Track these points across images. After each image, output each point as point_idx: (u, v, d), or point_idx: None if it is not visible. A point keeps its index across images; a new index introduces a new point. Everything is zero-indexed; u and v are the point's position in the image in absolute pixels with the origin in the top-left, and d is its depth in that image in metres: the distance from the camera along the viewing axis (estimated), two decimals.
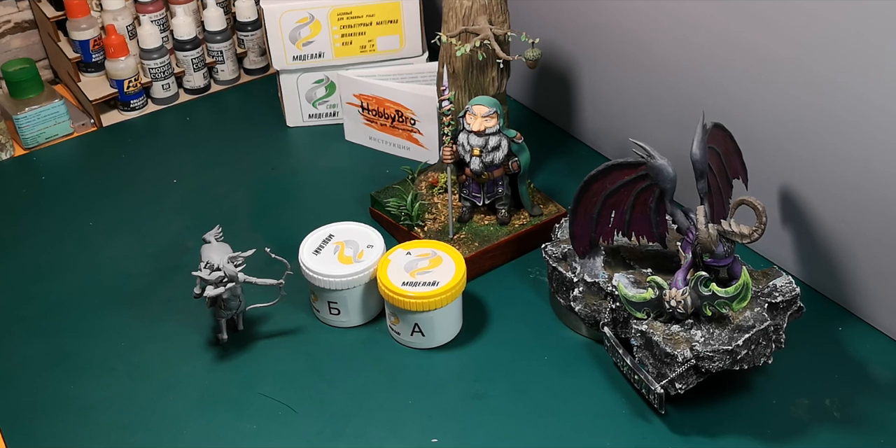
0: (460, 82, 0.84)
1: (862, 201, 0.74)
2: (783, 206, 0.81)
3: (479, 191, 0.83)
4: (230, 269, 0.73)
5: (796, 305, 0.72)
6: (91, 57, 1.04)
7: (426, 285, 0.74)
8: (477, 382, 0.75)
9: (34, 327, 0.80)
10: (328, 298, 0.77)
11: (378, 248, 0.78)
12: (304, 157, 1.01)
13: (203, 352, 0.77)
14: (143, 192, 0.89)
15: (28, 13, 1.09)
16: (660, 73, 0.86)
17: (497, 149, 0.79)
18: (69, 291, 0.83)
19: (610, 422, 0.71)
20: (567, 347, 0.77)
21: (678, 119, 0.86)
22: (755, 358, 0.68)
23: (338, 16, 0.96)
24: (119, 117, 1.06)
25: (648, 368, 0.70)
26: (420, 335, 0.76)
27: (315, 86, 1.01)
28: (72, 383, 0.75)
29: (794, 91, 0.75)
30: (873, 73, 0.69)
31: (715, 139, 0.72)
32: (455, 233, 0.84)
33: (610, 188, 0.71)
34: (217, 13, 1.06)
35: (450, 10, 0.81)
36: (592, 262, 0.75)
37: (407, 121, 0.95)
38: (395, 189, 0.88)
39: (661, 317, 0.70)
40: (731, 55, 0.79)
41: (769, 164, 0.80)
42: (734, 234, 0.67)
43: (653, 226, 0.73)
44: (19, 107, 0.99)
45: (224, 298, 0.74)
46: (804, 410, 0.72)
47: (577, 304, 0.74)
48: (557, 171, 0.97)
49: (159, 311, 0.81)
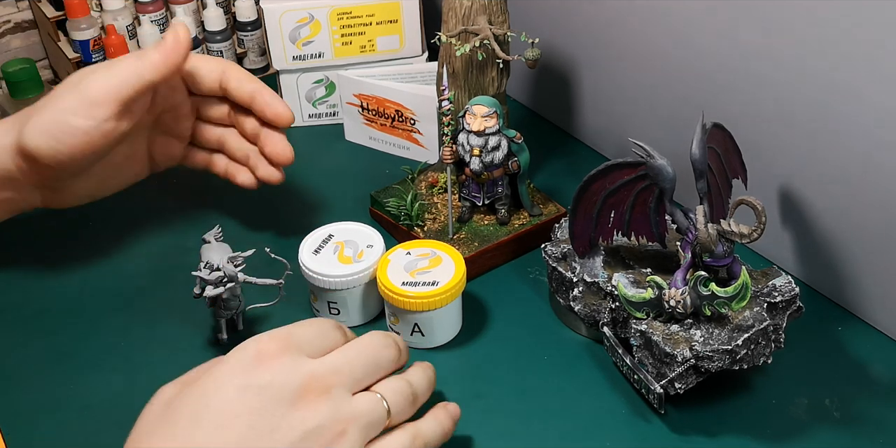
0: (460, 82, 0.84)
1: (862, 201, 0.74)
2: (783, 205, 0.81)
3: (478, 191, 0.83)
4: (230, 269, 0.73)
5: (796, 305, 0.72)
6: (91, 57, 1.04)
7: (426, 285, 0.74)
8: (477, 382, 0.75)
9: (34, 327, 0.80)
10: (328, 298, 0.77)
11: (378, 248, 0.78)
12: (303, 157, 1.00)
13: (203, 352, 0.77)
14: (142, 192, 0.89)
15: (28, 13, 1.09)
16: (660, 73, 0.87)
17: (497, 149, 0.79)
18: (69, 291, 0.83)
19: (609, 421, 0.71)
20: (567, 347, 0.78)
21: (678, 119, 0.86)
22: (755, 358, 0.68)
23: (337, 16, 0.96)
24: None
25: (648, 368, 0.70)
26: (420, 335, 0.76)
27: (315, 86, 1.01)
28: (72, 383, 0.75)
29: (794, 91, 0.75)
30: (874, 72, 0.69)
31: (714, 139, 0.72)
32: (455, 233, 0.84)
33: (610, 188, 0.71)
34: (217, 13, 1.06)
35: (449, 9, 0.81)
36: (592, 262, 0.75)
37: (407, 121, 0.95)
38: (395, 189, 0.88)
39: (661, 317, 0.70)
40: (731, 55, 0.79)
41: (769, 164, 0.80)
42: (733, 234, 0.67)
43: (652, 226, 0.73)
44: (19, 107, 0.99)
45: (224, 298, 0.74)
46: (804, 410, 0.72)
47: (576, 304, 0.74)
48: (557, 171, 0.97)
49: (159, 311, 0.81)
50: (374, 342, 0.61)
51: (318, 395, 0.57)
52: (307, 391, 0.56)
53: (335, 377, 0.58)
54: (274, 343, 0.58)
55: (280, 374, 0.56)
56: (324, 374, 0.58)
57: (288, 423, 0.55)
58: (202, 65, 0.78)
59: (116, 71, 0.73)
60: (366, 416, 0.58)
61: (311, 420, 0.56)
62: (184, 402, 0.56)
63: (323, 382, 0.57)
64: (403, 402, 0.60)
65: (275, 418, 0.55)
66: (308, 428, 0.56)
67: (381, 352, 0.61)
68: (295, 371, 0.57)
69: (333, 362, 0.59)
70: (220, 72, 0.78)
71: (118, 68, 0.73)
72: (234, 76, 0.78)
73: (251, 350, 0.58)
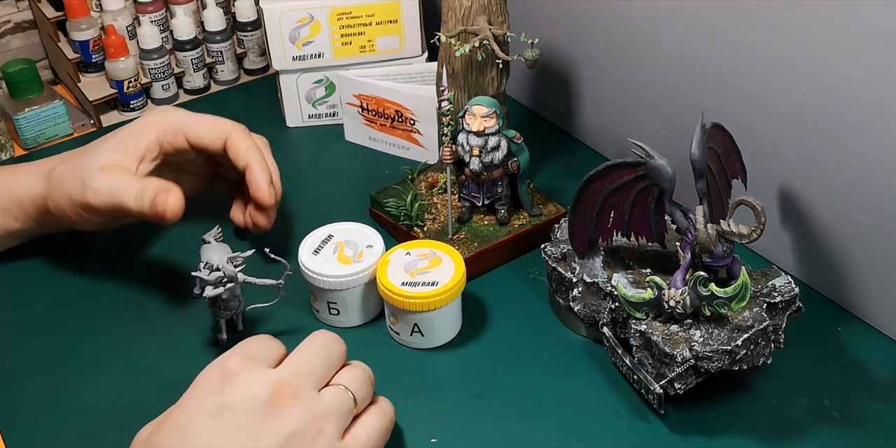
0: (460, 82, 0.84)
1: (862, 201, 0.74)
2: (782, 206, 0.81)
3: (478, 191, 0.83)
4: (229, 269, 0.73)
5: (795, 305, 0.72)
6: (91, 57, 1.04)
7: (426, 285, 0.74)
8: (476, 382, 0.75)
9: (34, 327, 0.80)
10: (328, 299, 0.77)
11: (377, 248, 0.78)
12: (303, 158, 1.01)
13: (203, 352, 0.77)
14: None
15: (28, 13, 1.09)
16: (659, 73, 0.87)
17: (496, 149, 0.79)
18: (69, 291, 0.83)
19: (609, 422, 0.71)
20: (566, 347, 0.78)
21: (677, 119, 0.86)
22: (754, 358, 0.68)
23: (337, 16, 0.96)
24: (119, 118, 1.06)
25: (647, 368, 0.70)
26: (420, 335, 0.76)
27: (315, 86, 1.01)
28: (72, 383, 0.75)
29: (794, 91, 0.75)
30: (874, 72, 0.69)
31: (714, 139, 0.72)
32: (454, 233, 0.84)
33: (609, 188, 0.71)
34: (217, 13, 1.06)
35: (449, 10, 0.81)
36: (592, 263, 0.75)
37: (406, 121, 0.95)
38: (395, 189, 0.88)
39: (660, 317, 0.70)
40: (731, 55, 0.79)
41: (769, 164, 0.80)
42: (733, 235, 0.67)
43: (652, 226, 0.73)
44: (19, 107, 0.99)
45: (223, 298, 0.74)
46: (803, 410, 0.72)
47: (576, 304, 0.74)
48: (557, 171, 0.97)
49: (159, 311, 0.81)
50: (322, 339, 0.64)
51: (290, 398, 0.59)
52: (278, 398, 0.58)
53: (299, 378, 0.60)
54: (235, 359, 0.60)
55: (247, 389, 0.58)
56: (288, 377, 0.60)
57: (267, 431, 0.57)
58: (205, 134, 0.80)
59: (119, 181, 0.75)
60: (337, 409, 0.60)
61: (290, 424, 0.58)
62: (161, 437, 0.58)
63: (290, 386, 0.59)
64: (365, 388, 0.63)
65: (253, 431, 0.57)
66: (288, 431, 0.57)
67: (331, 346, 0.64)
68: (260, 382, 0.59)
69: (292, 365, 0.61)
70: (223, 139, 0.80)
71: (121, 180, 0.75)
72: (232, 146, 0.79)
73: (214, 373, 0.60)
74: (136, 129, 0.79)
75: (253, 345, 0.63)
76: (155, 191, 0.74)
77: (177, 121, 0.79)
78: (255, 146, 0.80)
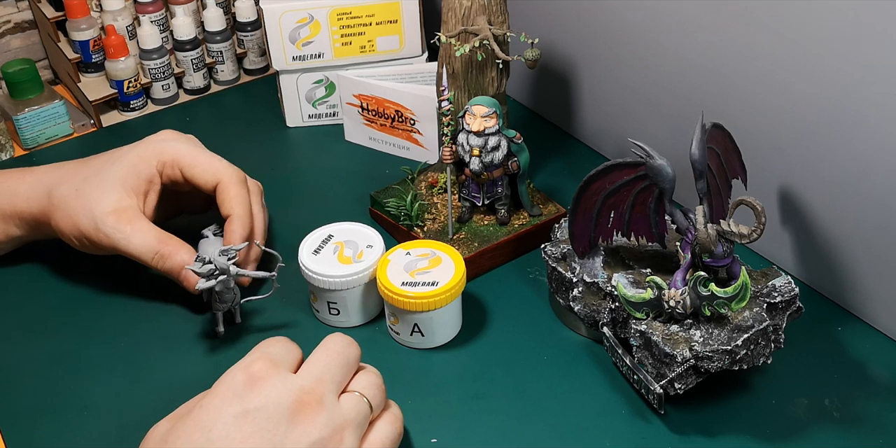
0: (460, 82, 0.84)
1: (862, 201, 0.74)
2: (782, 206, 0.81)
3: (478, 191, 0.83)
4: (221, 261, 0.73)
5: (795, 305, 0.72)
6: (91, 57, 1.04)
7: (426, 285, 0.74)
8: (476, 382, 0.75)
9: (34, 328, 0.80)
10: (328, 299, 0.77)
11: (377, 248, 0.78)
12: (303, 158, 1.01)
13: (204, 353, 0.77)
14: None
15: (28, 13, 1.09)
16: (659, 73, 0.87)
17: (496, 149, 0.79)
18: (69, 291, 0.83)
19: (609, 422, 0.71)
20: (566, 347, 0.78)
21: (677, 119, 0.86)
22: (754, 358, 0.68)
23: (337, 16, 0.96)
24: (119, 118, 1.06)
25: (648, 368, 0.70)
26: (420, 335, 0.76)
27: (315, 86, 1.01)
28: (72, 383, 0.75)
29: (793, 91, 0.75)
30: (874, 72, 0.69)
31: (714, 139, 0.72)
32: (454, 233, 0.84)
33: (609, 188, 0.71)
34: (217, 13, 1.06)
35: (449, 10, 0.81)
36: (592, 263, 0.75)
37: (407, 121, 0.95)
38: (395, 189, 0.88)
39: (661, 317, 0.70)
40: (731, 55, 0.79)
41: (769, 164, 0.80)
42: (733, 235, 0.67)
43: (652, 226, 0.73)
44: (19, 107, 0.99)
45: (217, 291, 0.74)
46: (803, 410, 0.72)
47: (576, 304, 0.74)
48: (557, 171, 0.97)
49: (159, 310, 0.81)
50: (340, 344, 0.64)
51: (313, 407, 0.59)
52: (302, 406, 0.58)
53: (322, 386, 0.60)
54: (260, 363, 0.60)
55: (272, 394, 0.58)
56: (311, 385, 0.60)
57: (291, 439, 0.57)
58: (200, 174, 0.80)
59: (134, 233, 0.77)
60: (356, 418, 0.60)
61: (313, 433, 0.58)
62: (181, 436, 0.57)
63: (314, 394, 0.59)
64: (380, 394, 0.64)
65: (277, 437, 0.57)
66: (312, 440, 0.57)
67: (348, 351, 0.63)
68: (285, 389, 0.59)
69: (313, 372, 0.61)
70: (215, 183, 0.80)
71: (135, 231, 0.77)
72: (220, 192, 0.80)
73: (240, 376, 0.59)
74: (137, 159, 0.79)
75: (274, 347, 0.62)
76: (171, 258, 0.76)
77: (175, 154, 0.80)
78: (244, 196, 0.80)
